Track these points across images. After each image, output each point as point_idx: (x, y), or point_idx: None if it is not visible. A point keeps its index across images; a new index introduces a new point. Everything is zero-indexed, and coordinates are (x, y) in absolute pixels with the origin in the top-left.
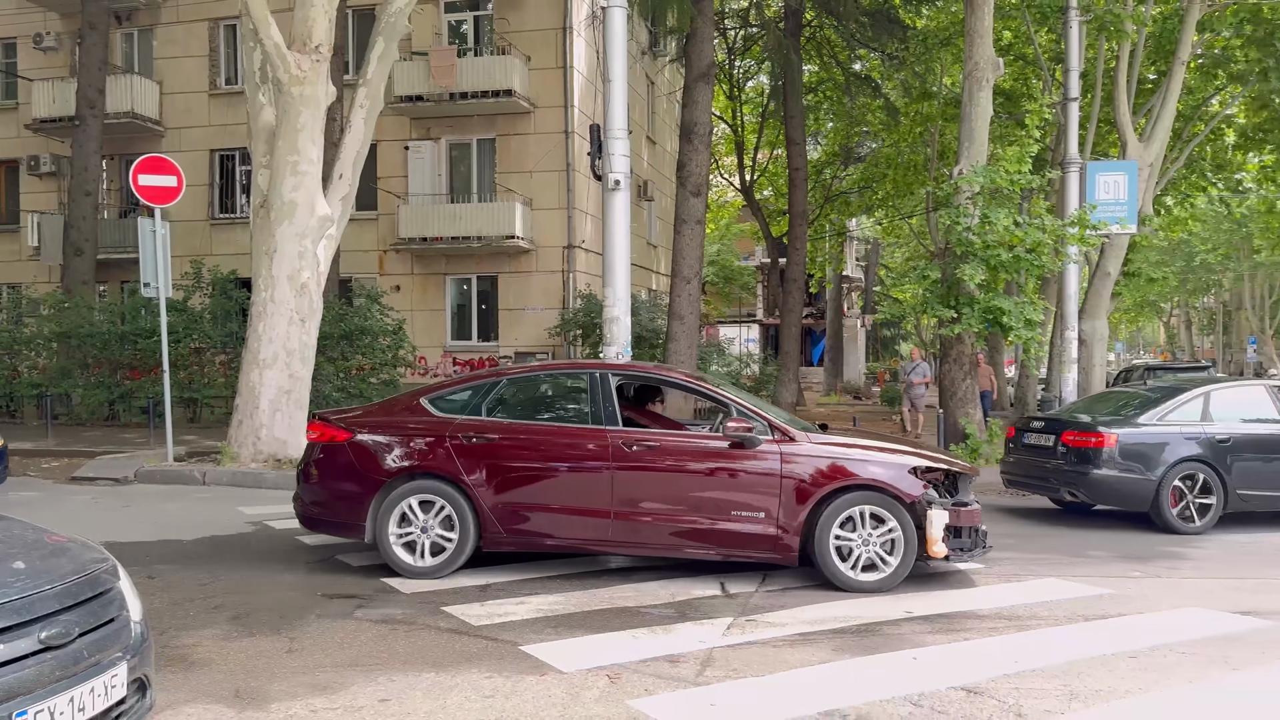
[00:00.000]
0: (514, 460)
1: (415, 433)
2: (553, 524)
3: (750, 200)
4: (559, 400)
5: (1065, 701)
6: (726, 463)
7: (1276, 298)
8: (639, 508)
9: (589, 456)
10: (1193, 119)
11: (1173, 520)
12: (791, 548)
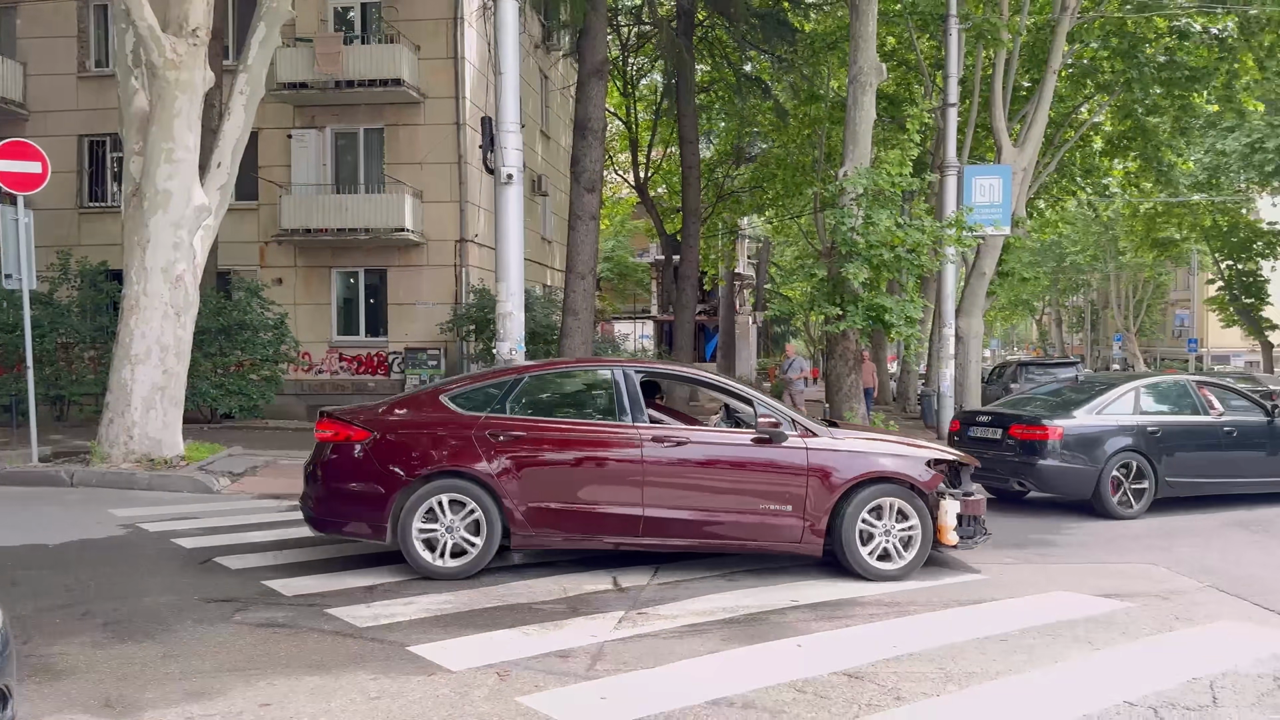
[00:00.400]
0: (543, 458)
1: (439, 431)
2: (584, 521)
3: (645, 197)
4: (583, 397)
5: (940, 684)
6: (754, 458)
7: (1140, 297)
8: (671, 504)
9: (620, 454)
10: (1063, 126)
11: (1112, 506)
12: (818, 538)
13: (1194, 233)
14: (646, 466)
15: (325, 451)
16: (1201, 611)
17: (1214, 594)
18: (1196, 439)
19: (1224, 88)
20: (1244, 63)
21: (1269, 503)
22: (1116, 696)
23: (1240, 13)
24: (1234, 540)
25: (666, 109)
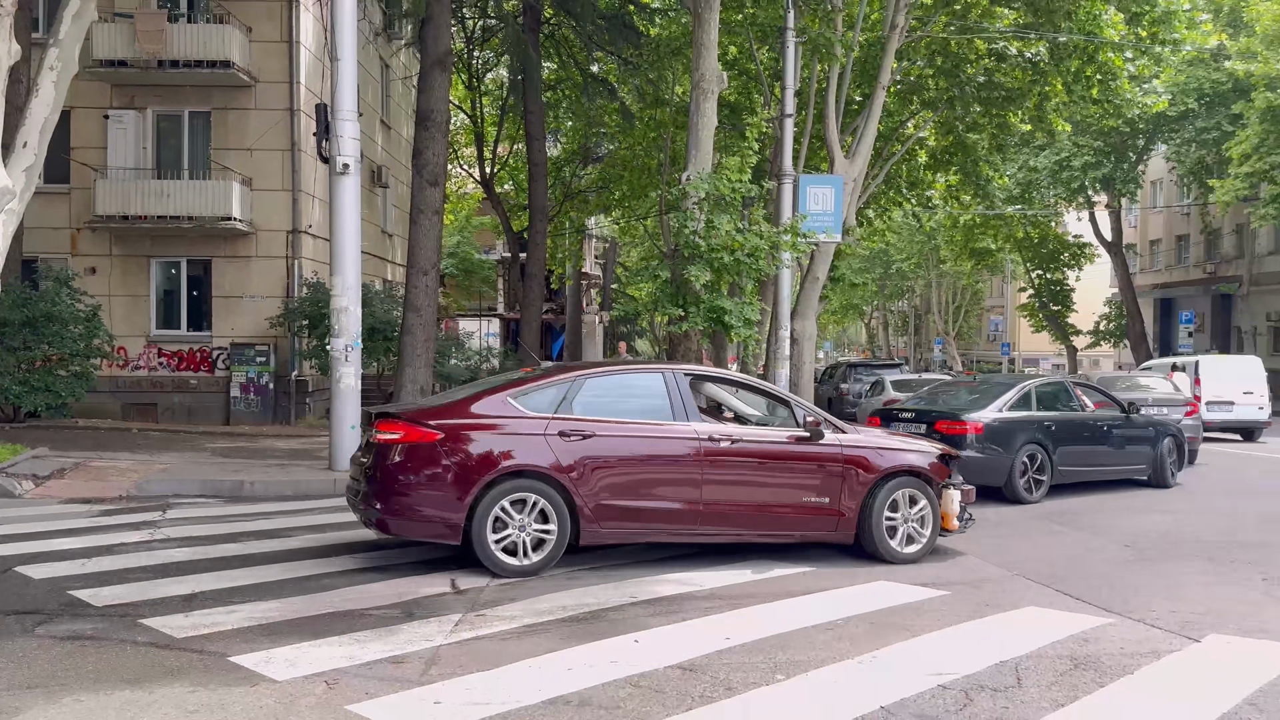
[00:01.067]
0: (610, 457)
1: (510, 432)
2: (649, 516)
3: (490, 193)
4: (640, 399)
5: (770, 673)
6: (798, 453)
7: (959, 303)
8: (726, 497)
9: (680, 451)
10: (891, 139)
11: (1021, 492)
12: (851, 526)
13: (1008, 244)
14: (704, 464)
15: (391, 453)
16: (1009, 598)
17: (1021, 581)
18: (1080, 432)
19: (1036, 108)
20: (1054, 86)
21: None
22: (932, 681)
23: (1051, 39)
24: (1042, 531)
25: (513, 105)
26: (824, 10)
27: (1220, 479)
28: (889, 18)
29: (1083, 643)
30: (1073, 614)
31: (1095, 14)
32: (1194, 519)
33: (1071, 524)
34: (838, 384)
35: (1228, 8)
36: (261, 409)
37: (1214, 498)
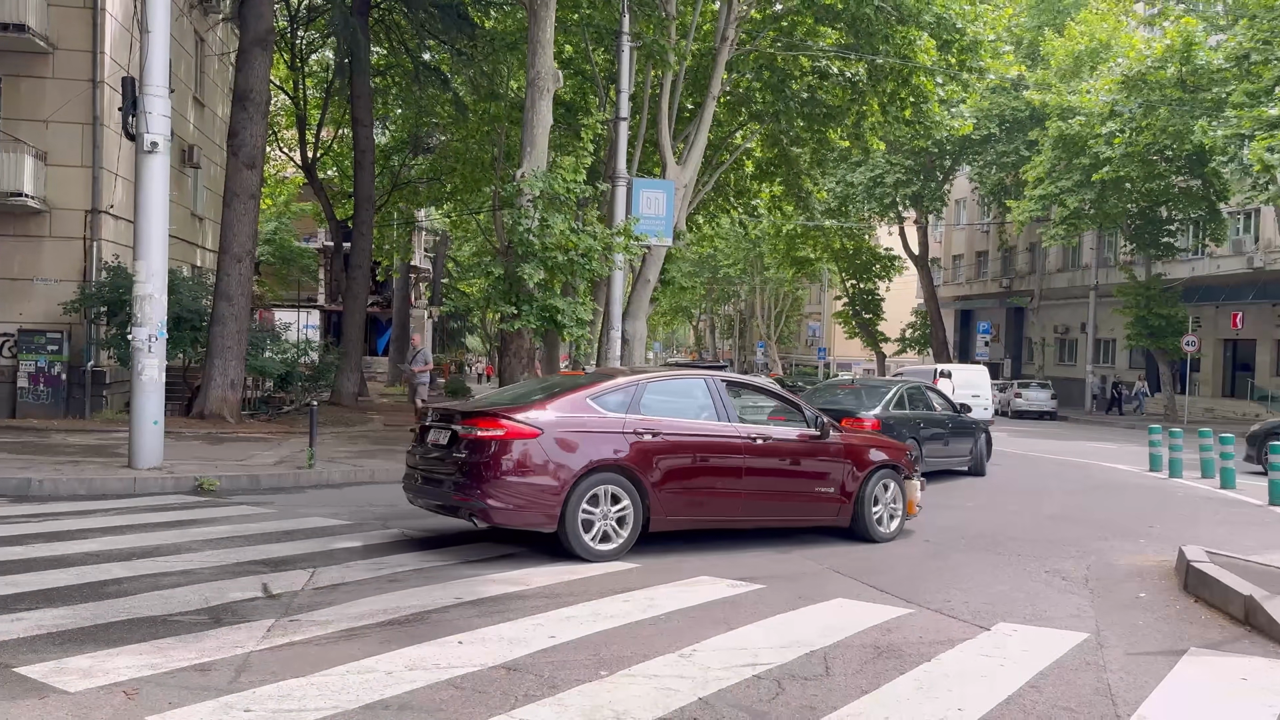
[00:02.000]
0: (676, 453)
1: (595, 430)
2: (706, 506)
3: (313, 179)
4: (691, 401)
5: (594, 670)
6: (813, 449)
7: (780, 309)
8: (761, 488)
9: (729, 449)
10: (721, 148)
11: None
12: (849, 512)
13: (826, 254)
14: (746, 459)
15: (496, 448)
16: (821, 591)
17: (832, 575)
18: (935, 428)
19: (854, 126)
20: (871, 106)
21: None
22: (748, 672)
23: (870, 61)
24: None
25: (339, 88)
26: (658, 18)
27: (1007, 477)
28: (720, 30)
29: (886, 632)
30: (878, 605)
31: (910, 39)
32: (985, 515)
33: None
34: None
35: (1027, 41)
36: (53, 401)
37: (1002, 495)
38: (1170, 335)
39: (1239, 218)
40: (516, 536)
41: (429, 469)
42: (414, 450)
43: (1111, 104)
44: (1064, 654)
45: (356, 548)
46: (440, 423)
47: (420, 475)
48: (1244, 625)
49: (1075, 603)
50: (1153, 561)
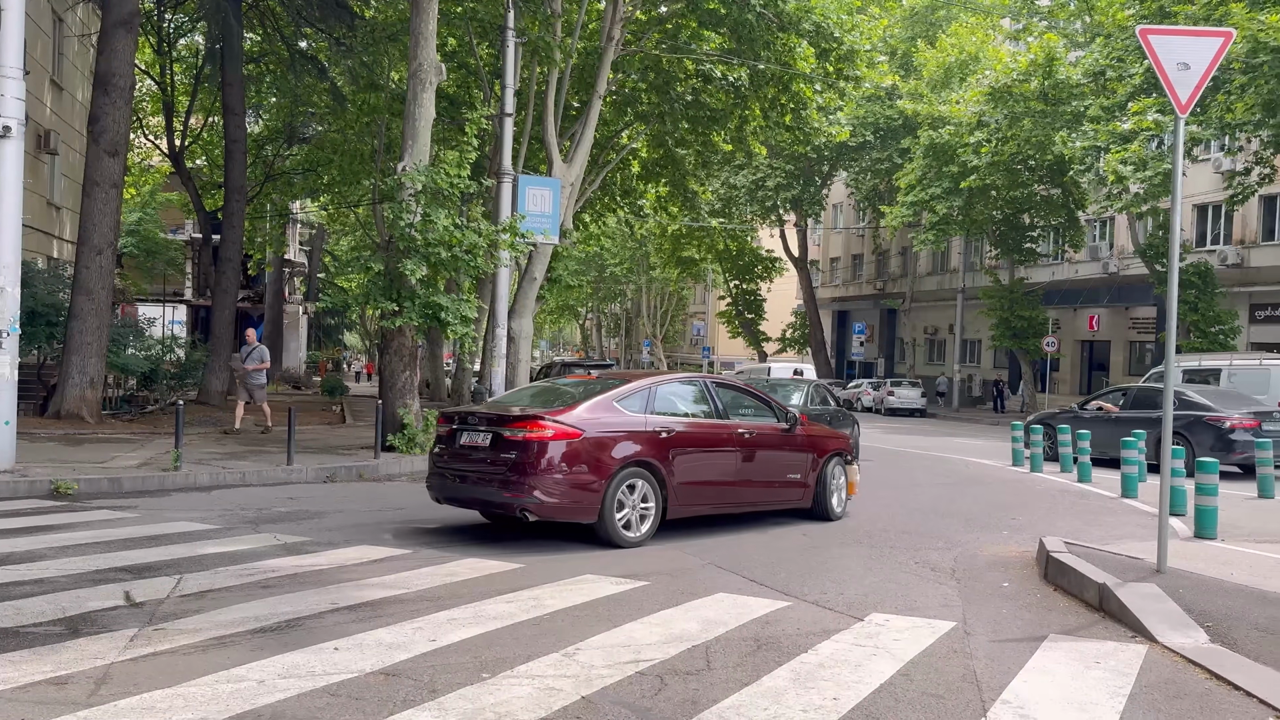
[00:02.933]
0: (688, 448)
1: (625, 430)
2: (708, 495)
3: (180, 168)
4: (692, 402)
5: (475, 672)
6: (786, 441)
7: (666, 308)
8: (749, 476)
9: (726, 442)
10: (607, 148)
11: None
12: (810, 495)
13: (710, 254)
14: (739, 451)
15: (541, 448)
16: (703, 586)
17: (714, 570)
18: (832, 420)
19: (737, 130)
20: (753, 110)
21: None
22: (631, 668)
23: (752, 66)
24: (729, 521)
25: (209, 75)
26: (544, 14)
27: (881, 473)
28: (605, 29)
29: (765, 625)
30: (758, 599)
31: (791, 46)
32: (859, 509)
33: (755, 515)
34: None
35: (901, 51)
36: None
37: (876, 490)
38: (1031, 336)
39: (1095, 225)
40: (407, 539)
41: (471, 469)
42: (443, 452)
43: (979, 115)
44: (933, 643)
45: (226, 553)
46: (477, 426)
47: (458, 475)
48: (1098, 611)
49: (944, 593)
50: (1015, 552)
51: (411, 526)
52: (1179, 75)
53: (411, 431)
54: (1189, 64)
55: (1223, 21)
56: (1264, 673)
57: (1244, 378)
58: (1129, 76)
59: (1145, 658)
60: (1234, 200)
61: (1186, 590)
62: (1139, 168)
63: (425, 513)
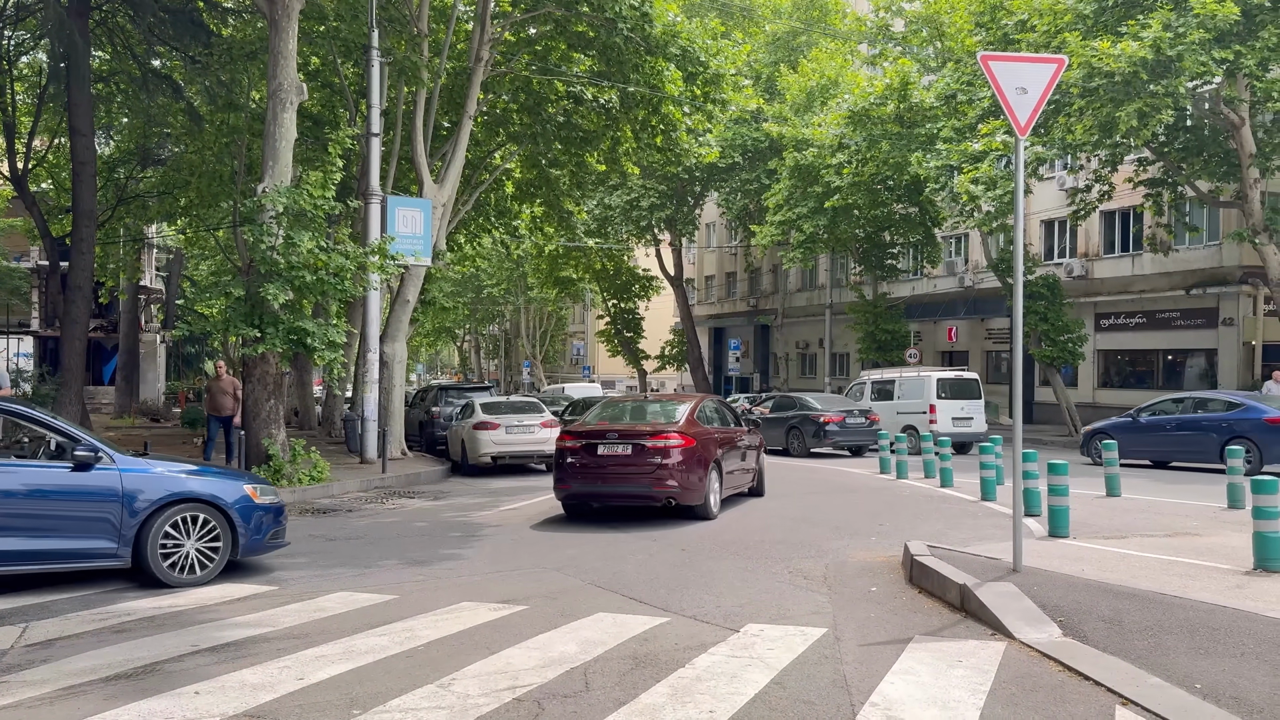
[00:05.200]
0: (725, 448)
1: (704, 437)
2: (733, 480)
3: (24, 192)
4: (716, 415)
5: (345, 710)
6: (752, 441)
7: (545, 328)
8: (740, 468)
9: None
10: (480, 168)
11: None
12: (755, 479)
13: (587, 274)
14: (741, 450)
15: (675, 453)
16: (582, 607)
17: (594, 590)
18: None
19: (610, 151)
20: (625, 132)
21: None
22: (508, 695)
23: (621, 89)
24: (610, 542)
25: (54, 94)
26: (410, 34)
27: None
28: (474, 50)
29: (643, 642)
30: (636, 616)
31: (659, 70)
32: (732, 521)
33: (635, 532)
34: (429, 407)
35: (766, 76)
36: None
37: (748, 501)
38: (895, 348)
39: (951, 242)
40: (274, 574)
41: (615, 471)
42: (579, 461)
43: (839, 137)
44: (805, 650)
45: (77, 597)
46: (615, 440)
47: (599, 476)
48: (960, 611)
49: (815, 600)
50: (882, 558)
51: (279, 561)
52: (1018, 99)
53: (278, 463)
54: (1027, 89)
55: (1060, 49)
56: (1111, 662)
57: (909, 386)
58: (978, 100)
59: (1004, 654)
60: (1077, 215)
61: (1041, 587)
62: (989, 186)
63: (295, 547)
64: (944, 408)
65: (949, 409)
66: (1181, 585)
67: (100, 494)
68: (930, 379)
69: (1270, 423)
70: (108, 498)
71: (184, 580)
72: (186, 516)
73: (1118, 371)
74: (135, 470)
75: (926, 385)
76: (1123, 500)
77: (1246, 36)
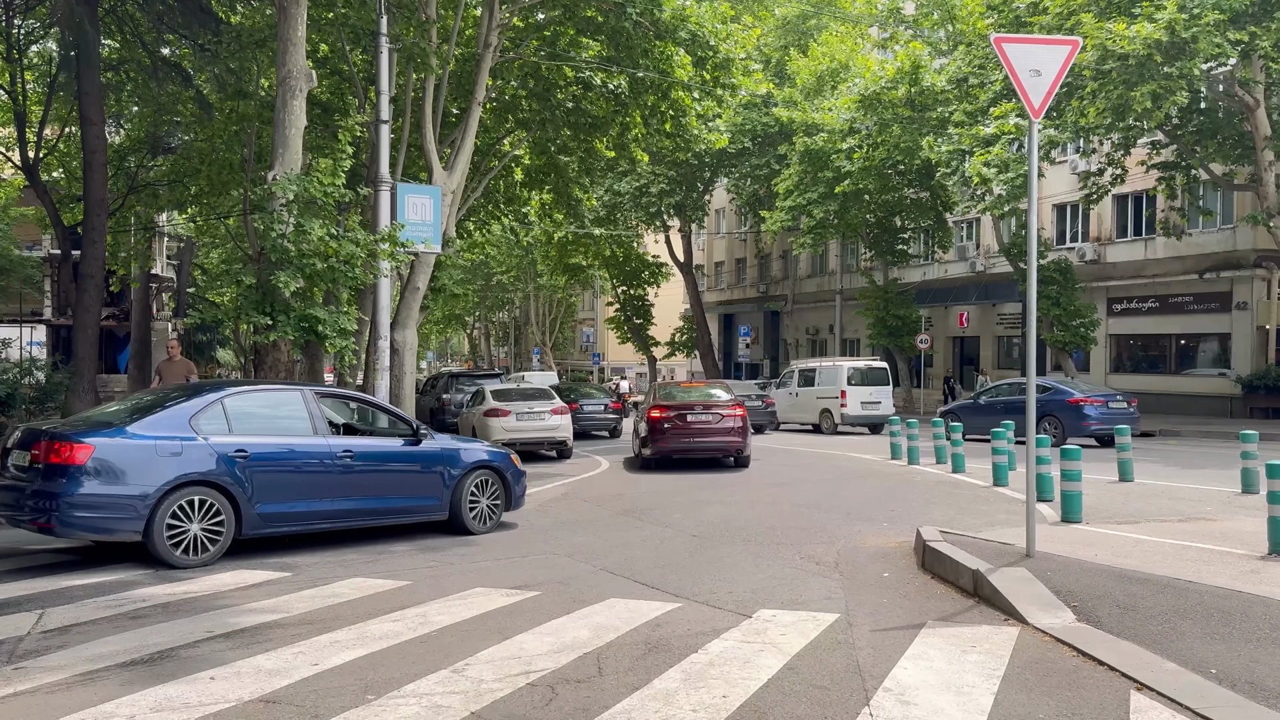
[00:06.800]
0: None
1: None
2: None
3: (35, 181)
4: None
5: (360, 695)
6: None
7: (554, 315)
8: None
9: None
10: (489, 155)
11: None
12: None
13: (597, 261)
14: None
15: (743, 420)
16: (594, 592)
17: (605, 576)
18: None
19: (619, 137)
20: (634, 118)
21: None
22: (522, 680)
23: (630, 74)
24: (621, 527)
25: (64, 83)
26: (419, 20)
27: (767, 471)
28: (483, 36)
29: (656, 628)
30: (648, 601)
31: (668, 55)
32: (747, 507)
33: (647, 519)
34: (440, 394)
35: (775, 60)
36: None
37: (762, 488)
38: (906, 334)
39: (962, 227)
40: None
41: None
42: (673, 426)
43: (850, 121)
44: (818, 635)
45: (93, 584)
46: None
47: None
48: (973, 597)
49: (827, 586)
50: (894, 543)
51: (293, 548)
52: (1032, 81)
53: None
54: (1040, 71)
55: (1074, 31)
56: (1125, 647)
57: (827, 374)
58: (990, 83)
59: (1017, 639)
60: (1090, 200)
61: (1054, 572)
62: (1001, 169)
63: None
64: (854, 393)
65: (859, 394)
66: (1196, 570)
67: (432, 461)
68: (843, 368)
69: (1071, 403)
70: (436, 465)
71: (482, 529)
72: (482, 479)
73: (1130, 356)
74: (448, 444)
75: (840, 373)
76: (1136, 485)
77: (1262, 18)
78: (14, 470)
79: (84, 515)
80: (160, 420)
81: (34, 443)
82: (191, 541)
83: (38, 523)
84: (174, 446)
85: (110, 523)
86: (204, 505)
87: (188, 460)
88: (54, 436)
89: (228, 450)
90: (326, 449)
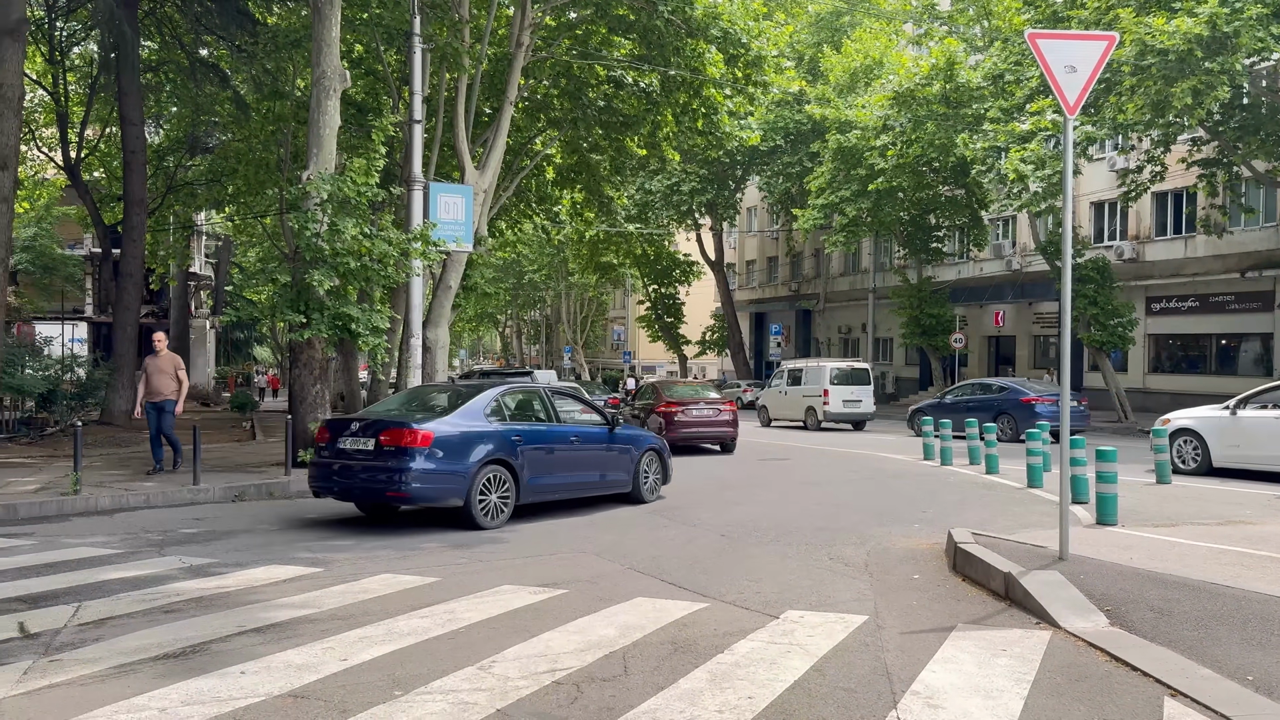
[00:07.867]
0: None
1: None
2: None
3: (76, 181)
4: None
5: (388, 690)
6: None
7: (585, 314)
8: None
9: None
10: (521, 154)
11: None
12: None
13: (628, 259)
14: None
15: (728, 413)
16: (621, 591)
17: (632, 574)
18: None
19: (650, 136)
20: (665, 116)
21: (696, 480)
22: (548, 678)
23: (662, 72)
24: (650, 525)
25: (105, 84)
26: (452, 20)
27: (797, 470)
28: (515, 35)
29: (682, 628)
30: (676, 601)
31: (700, 53)
32: (776, 507)
33: (675, 518)
34: None
35: (808, 57)
36: None
37: (792, 488)
38: (940, 333)
39: (998, 224)
40: (318, 557)
41: (704, 423)
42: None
43: (884, 118)
44: (845, 637)
45: (128, 578)
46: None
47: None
48: (1004, 600)
49: (856, 587)
50: (925, 545)
51: (324, 544)
52: (1067, 78)
53: None
54: (1076, 67)
55: (1112, 26)
56: (1159, 652)
57: (811, 374)
58: (1026, 79)
59: (1049, 643)
60: (1128, 197)
61: (1087, 576)
62: (1038, 166)
63: (338, 530)
64: (836, 392)
65: (840, 393)
66: (1234, 575)
67: (626, 443)
68: (826, 368)
69: (1024, 402)
70: (627, 447)
71: (652, 499)
72: (650, 459)
73: (1169, 356)
74: (630, 430)
75: (824, 373)
76: (1173, 488)
77: None
78: (354, 451)
79: (425, 487)
80: (467, 411)
81: (381, 430)
82: (492, 507)
83: (391, 491)
84: (479, 433)
85: (443, 493)
86: (498, 479)
87: (489, 444)
88: (403, 425)
89: (510, 435)
90: (563, 434)
